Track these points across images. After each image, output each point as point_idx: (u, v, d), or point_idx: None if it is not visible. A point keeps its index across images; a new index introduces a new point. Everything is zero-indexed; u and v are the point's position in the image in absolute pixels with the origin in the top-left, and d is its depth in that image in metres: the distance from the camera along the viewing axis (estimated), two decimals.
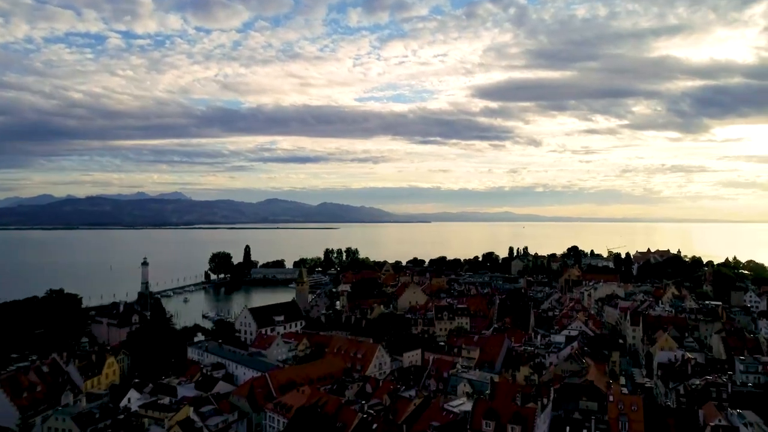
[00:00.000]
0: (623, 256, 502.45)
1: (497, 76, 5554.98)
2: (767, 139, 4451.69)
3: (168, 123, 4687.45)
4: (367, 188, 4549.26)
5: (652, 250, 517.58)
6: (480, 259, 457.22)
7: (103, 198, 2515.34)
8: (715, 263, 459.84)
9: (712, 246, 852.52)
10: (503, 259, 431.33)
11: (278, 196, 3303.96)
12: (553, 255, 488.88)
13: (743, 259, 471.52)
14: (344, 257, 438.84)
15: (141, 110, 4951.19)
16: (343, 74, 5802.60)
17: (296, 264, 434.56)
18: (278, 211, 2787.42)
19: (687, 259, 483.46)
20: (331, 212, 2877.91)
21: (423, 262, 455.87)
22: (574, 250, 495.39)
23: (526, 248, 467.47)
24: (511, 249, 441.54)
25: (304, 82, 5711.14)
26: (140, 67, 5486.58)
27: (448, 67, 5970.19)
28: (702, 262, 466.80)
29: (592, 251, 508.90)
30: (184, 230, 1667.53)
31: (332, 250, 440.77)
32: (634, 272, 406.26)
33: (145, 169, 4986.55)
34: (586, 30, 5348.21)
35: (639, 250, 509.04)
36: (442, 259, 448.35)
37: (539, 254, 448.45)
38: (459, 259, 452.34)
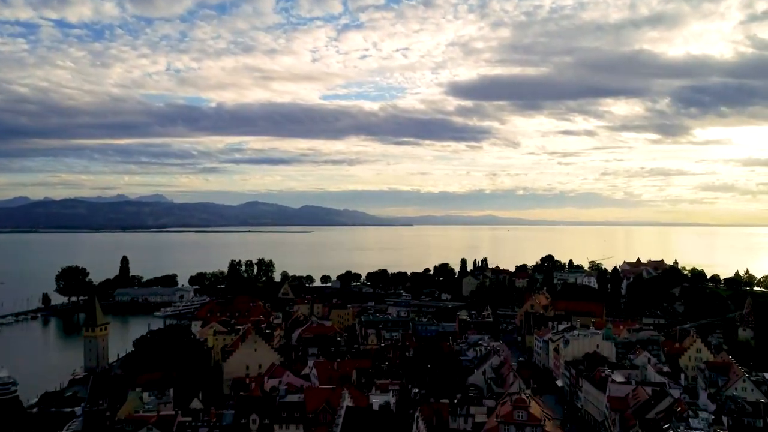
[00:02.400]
0: (609, 268, 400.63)
1: (467, 72, 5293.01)
2: (746, 142, 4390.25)
3: (128, 121, 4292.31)
4: (348, 191, 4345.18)
5: (642, 260, 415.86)
6: (431, 272, 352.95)
7: (79, 200, 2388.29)
8: (721, 277, 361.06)
9: (701, 253, 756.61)
10: (457, 273, 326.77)
11: (257, 199, 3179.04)
12: (523, 267, 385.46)
13: (738, 269, 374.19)
14: (254, 271, 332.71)
15: (97, 107, 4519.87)
16: (304, 68, 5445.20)
17: (192, 280, 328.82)
18: (259, 214, 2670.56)
19: (686, 272, 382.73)
20: (313, 215, 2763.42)
21: (358, 276, 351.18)
22: (548, 261, 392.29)
23: (484, 260, 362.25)
24: (463, 262, 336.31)
25: (265, 76, 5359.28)
26: (82, 59, 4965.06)
27: (413, 63, 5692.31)
28: (705, 275, 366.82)
29: (570, 262, 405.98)
30: (155, 234, 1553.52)
31: (239, 261, 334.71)
32: (623, 291, 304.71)
33: (114, 170, 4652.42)
34: (553, 22, 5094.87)
35: (627, 261, 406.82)
36: (383, 273, 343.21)
37: (501, 268, 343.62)
38: (405, 273, 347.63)
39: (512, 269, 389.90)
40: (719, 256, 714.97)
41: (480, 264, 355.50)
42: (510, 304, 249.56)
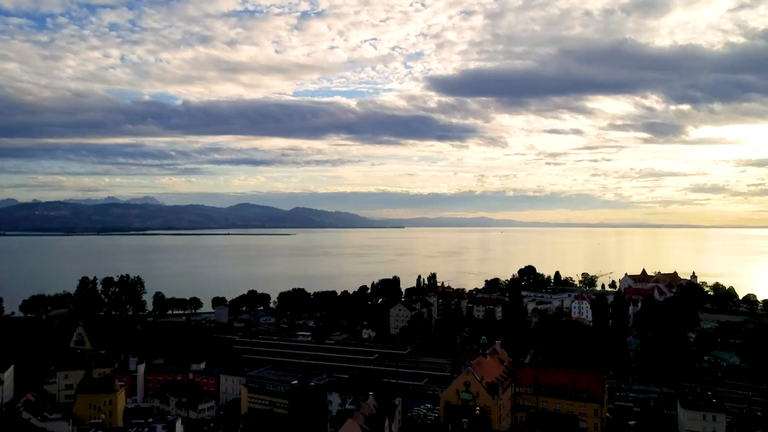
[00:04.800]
0: (608, 285, 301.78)
1: (443, 65, 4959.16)
2: (737, 142, 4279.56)
3: (96, 119, 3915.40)
4: (338, 193, 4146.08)
5: (648, 271, 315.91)
6: (369, 290, 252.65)
7: (66, 203, 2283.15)
8: (760, 299, 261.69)
9: (707, 260, 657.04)
10: (383, 300, 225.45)
11: (248, 201, 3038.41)
12: (494, 283, 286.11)
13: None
14: (115, 291, 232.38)
15: (59, 103, 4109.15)
16: (270, 61, 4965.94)
17: (25, 306, 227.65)
18: (250, 216, 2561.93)
19: (707, 288, 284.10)
20: (303, 217, 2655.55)
21: (266, 298, 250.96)
22: (527, 275, 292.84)
23: (432, 277, 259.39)
24: (395, 282, 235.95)
25: (231, 68, 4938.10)
26: (28, 50, 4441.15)
27: (383, 55, 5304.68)
28: (735, 294, 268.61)
29: (557, 275, 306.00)
30: (132, 237, 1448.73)
31: (93, 279, 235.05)
32: (630, 321, 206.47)
33: (92, 171, 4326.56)
34: (530, 10, 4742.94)
35: (630, 273, 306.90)
36: (298, 293, 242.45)
37: (451, 287, 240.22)
38: (334, 292, 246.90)
39: (483, 284, 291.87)
40: (729, 262, 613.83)
41: (426, 283, 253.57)
42: (457, 351, 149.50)
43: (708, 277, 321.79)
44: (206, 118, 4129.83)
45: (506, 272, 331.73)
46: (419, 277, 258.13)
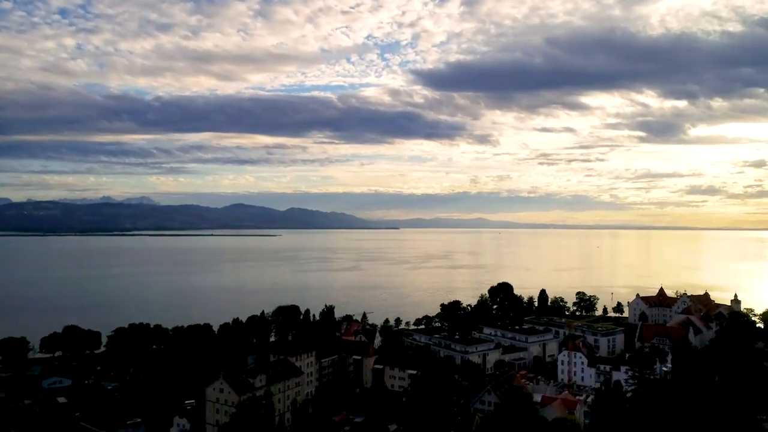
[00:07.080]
0: (611, 308, 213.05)
1: (423, 57, 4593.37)
2: (735, 142, 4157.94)
3: (69, 115, 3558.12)
4: (330, 193, 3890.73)
5: (667, 289, 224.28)
6: (268, 318, 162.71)
7: (54, 202, 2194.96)
8: None
9: (718, 268, 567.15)
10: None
11: (242, 201, 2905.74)
12: (454, 307, 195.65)
13: None
14: None
15: (25, 98, 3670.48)
16: (239, 51, 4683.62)
17: None
18: (244, 217, 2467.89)
19: (755, 319, 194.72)
20: (299, 218, 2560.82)
21: (95, 337, 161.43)
22: (500, 293, 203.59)
23: (329, 311, 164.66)
24: (293, 310, 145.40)
25: (199, 57, 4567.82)
26: None
27: (358, 44, 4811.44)
28: None
29: (542, 296, 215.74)
30: (111, 238, 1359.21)
31: None
32: (664, 369, 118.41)
33: (75, 170, 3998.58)
34: None
35: (642, 294, 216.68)
36: (141, 331, 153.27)
37: (360, 330, 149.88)
38: (208, 326, 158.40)
39: (439, 309, 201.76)
40: (751, 272, 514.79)
41: (315, 318, 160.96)
42: None
43: (730, 292, 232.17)
44: (182, 114, 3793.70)
45: (489, 282, 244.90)
46: (307, 311, 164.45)
